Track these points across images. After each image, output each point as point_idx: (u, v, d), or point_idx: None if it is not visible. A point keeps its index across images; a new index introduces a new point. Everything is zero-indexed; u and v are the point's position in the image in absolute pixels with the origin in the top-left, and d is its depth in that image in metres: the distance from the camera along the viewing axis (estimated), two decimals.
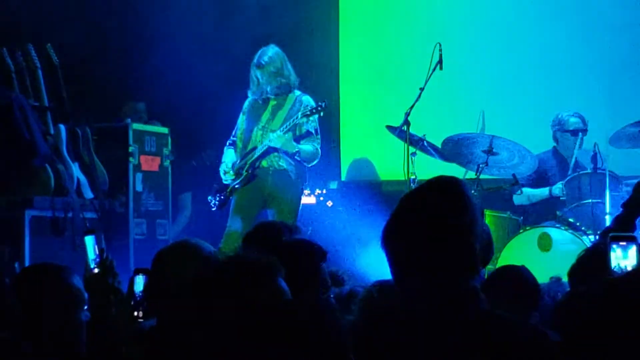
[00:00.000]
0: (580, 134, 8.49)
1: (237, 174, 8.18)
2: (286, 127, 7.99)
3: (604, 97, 9.11)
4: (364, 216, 9.03)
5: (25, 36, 8.35)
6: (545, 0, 9.53)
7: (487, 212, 8.17)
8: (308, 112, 8.00)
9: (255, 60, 8.17)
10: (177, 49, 9.68)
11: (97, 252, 4.03)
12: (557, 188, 8.27)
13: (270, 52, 8.17)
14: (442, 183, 2.77)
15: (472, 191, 5.73)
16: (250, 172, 8.12)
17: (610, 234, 3.84)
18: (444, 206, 2.70)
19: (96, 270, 3.93)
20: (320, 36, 9.95)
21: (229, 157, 8.32)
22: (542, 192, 8.38)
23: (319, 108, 8.01)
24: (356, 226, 8.86)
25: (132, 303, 3.71)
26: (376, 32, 10.12)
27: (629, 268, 3.62)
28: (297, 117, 8.00)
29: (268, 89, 8.14)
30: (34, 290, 3.78)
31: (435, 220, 2.68)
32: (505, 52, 9.59)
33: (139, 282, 3.76)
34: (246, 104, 8.37)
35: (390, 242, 2.73)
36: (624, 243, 3.69)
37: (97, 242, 4.08)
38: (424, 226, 2.68)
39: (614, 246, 3.69)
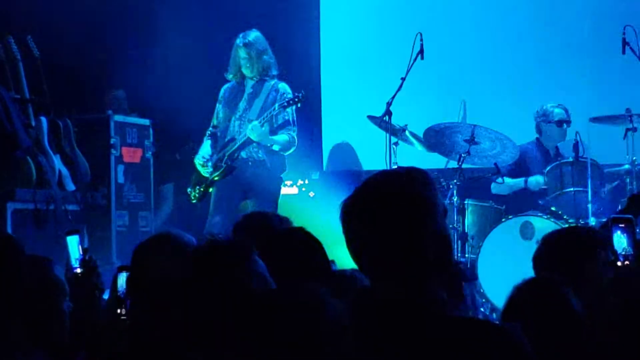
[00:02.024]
0: (564, 124, 8.53)
1: (216, 165, 8.16)
2: (263, 118, 7.97)
3: (584, 85, 9.12)
4: None
5: (5, 28, 8.31)
6: None
7: (469, 202, 8.19)
8: (285, 103, 7.99)
9: (239, 40, 8.14)
10: (160, 40, 9.66)
11: (81, 252, 4.02)
12: (534, 182, 8.29)
13: (255, 33, 8.19)
14: (402, 170, 2.71)
15: (438, 185, 5.65)
16: (229, 163, 8.10)
17: (612, 216, 3.83)
18: (399, 190, 2.63)
19: (79, 270, 3.93)
20: (301, 25, 9.94)
21: (205, 149, 8.30)
22: (518, 182, 8.39)
23: (297, 99, 8.00)
24: (337, 217, 8.85)
25: (115, 300, 3.71)
26: (357, 21, 10.11)
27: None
28: (274, 109, 7.98)
29: (250, 70, 8.11)
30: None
31: (382, 220, 2.60)
32: (486, 41, 9.59)
33: (122, 279, 3.75)
34: (222, 92, 8.34)
35: (347, 224, 2.67)
36: (623, 225, 3.71)
37: (81, 241, 4.08)
38: (376, 207, 2.62)
39: (617, 231, 3.70)
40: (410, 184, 2.63)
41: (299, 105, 8.05)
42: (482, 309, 7.47)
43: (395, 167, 7.44)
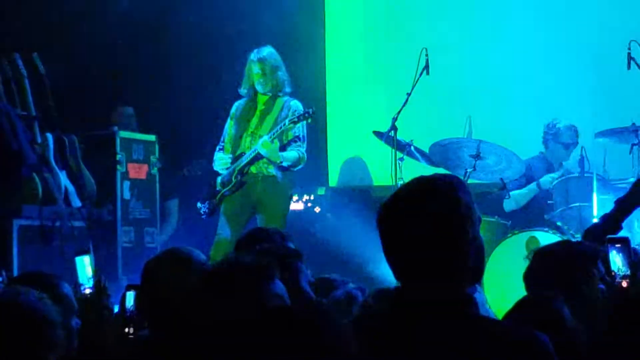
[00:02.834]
0: (571, 147, 8.55)
1: (226, 180, 8.15)
2: (274, 133, 7.96)
3: (590, 100, 9.12)
4: (352, 222, 9.03)
5: (11, 45, 8.33)
6: (530, 6, 9.54)
7: None
8: (295, 119, 7.97)
9: (253, 56, 8.11)
10: (166, 56, 9.68)
11: (91, 273, 4.02)
12: (548, 179, 8.29)
13: (268, 49, 8.17)
14: (441, 175, 2.74)
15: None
16: (239, 178, 8.09)
17: (608, 237, 3.82)
18: (440, 194, 2.65)
19: (88, 291, 3.93)
20: (307, 41, 9.94)
21: (218, 164, 8.27)
22: (530, 188, 8.38)
23: (307, 114, 7.99)
24: (344, 232, 8.86)
25: (123, 319, 3.70)
26: (363, 37, 10.13)
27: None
28: (284, 124, 7.97)
29: (263, 86, 8.10)
30: None
31: (425, 225, 2.63)
32: (491, 57, 9.60)
33: (130, 298, 3.74)
34: (234, 108, 8.33)
35: (384, 226, 2.70)
36: (619, 245, 3.69)
37: (92, 262, 4.08)
38: (416, 211, 2.64)
39: (613, 250, 3.68)
40: (454, 190, 2.66)
41: (309, 121, 8.04)
42: None
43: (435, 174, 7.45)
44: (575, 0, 9.40)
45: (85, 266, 4.08)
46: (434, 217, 2.62)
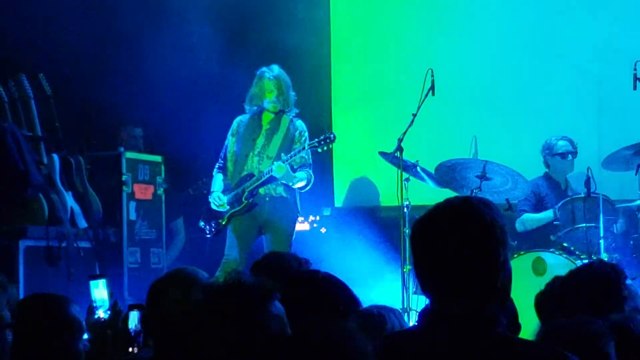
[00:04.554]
0: (569, 156, 8.54)
1: (234, 201, 8.12)
2: (290, 157, 7.92)
3: (595, 121, 9.13)
4: (358, 242, 9.03)
5: (17, 66, 8.35)
6: (535, 27, 9.55)
7: None
8: (316, 144, 7.94)
9: (267, 74, 8.08)
10: (172, 77, 9.69)
11: (107, 297, 4.04)
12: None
13: (278, 68, 8.17)
14: (476, 198, 2.76)
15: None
16: (249, 200, 8.05)
17: None
18: (474, 229, 2.67)
19: (102, 314, 3.93)
20: (312, 61, 9.95)
21: (219, 184, 8.26)
22: (546, 215, 8.35)
23: (328, 140, 7.92)
24: (350, 252, 8.85)
25: (127, 339, 3.70)
26: (368, 58, 10.14)
27: None
28: (303, 148, 7.92)
29: (275, 105, 8.08)
30: (36, 320, 3.78)
31: (461, 244, 2.66)
32: (497, 77, 9.60)
33: (133, 318, 3.74)
34: (235, 125, 8.29)
35: (419, 243, 2.73)
36: None
37: (107, 286, 4.09)
38: (448, 248, 2.66)
39: None
40: (490, 211, 2.69)
41: (331, 146, 8.00)
42: None
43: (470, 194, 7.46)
44: (581, 22, 9.39)
45: (100, 290, 4.09)
46: (470, 237, 2.66)
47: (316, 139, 7.94)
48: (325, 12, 10.27)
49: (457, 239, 2.65)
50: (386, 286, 8.20)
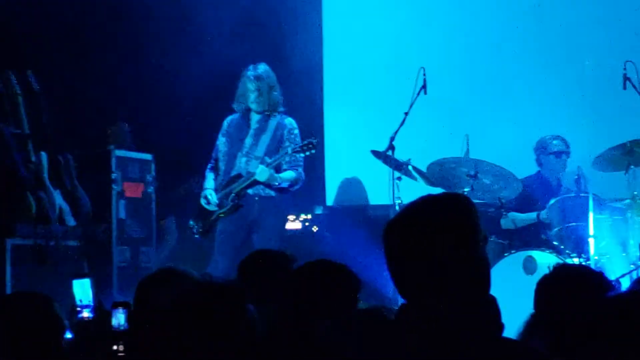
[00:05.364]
0: (563, 155, 8.53)
1: (222, 202, 8.09)
2: (274, 160, 7.91)
3: (587, 120, 9.12)
4: (350, 241, 9.00)
5: (5, 63, 8.30)
6: (528, 25, 9.55)
7: None
8: (299, 149, 7.92)
9: (250, 73, 8.07)
10: (162, 73, 9.66)
11: (92, 297, 4.00)
12: (545, 213, 8.28)
13: (264, 67, 8.12)
14: (452, 196, 2.77)
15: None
16: (236, 201, 8.02)
17: None
18: (451, 216, 2.67)
19: (86, 314, 3.90)
20: (304, 59, 9.92)
21: (210, 183, 8.23)
22: (530, 216, 8.36)
23: (310, 145, 7.91)
24: (342, 251, 8.82)
25: (111, 337, 3.67)
26: (361, 56, 10.11)
27: None
28: (285, 153, 7.92)
29: (258, 105, 8.05)
30: (19, 318, 3.74)
31: (435, 241, 2.65)
32: (489, 76, 9.60)
33: (118, 316, 3.71)
34: (225, 124, 8.26)
35: (390, 247, 2.71)
36: None
37: (91, 286, 4.06)
38: (425, 233, 2.66)
39: None
40: (455, 211, 2.68)
41: (313, 152, 7.98)
42: None
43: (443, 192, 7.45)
44: (572, 22, 9.39)
45: (83, 289, 4.05)
46: (440, 236, 2.64)
47: (299, 145, 7.92)
48: (317, 10, 10.24)
49: (426, 239, 2.64)
50: (378, 285, 8.18)
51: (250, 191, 8.03)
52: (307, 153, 7.97)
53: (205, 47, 9.68)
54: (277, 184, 7.93)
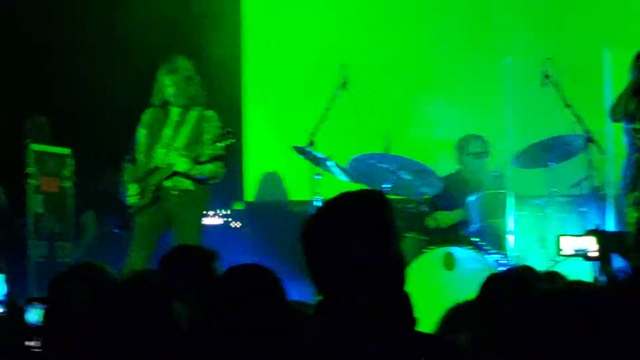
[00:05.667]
0: (482, 156, 8.61)
1: (140, 195, 8.01)
2: (193, 151, 7.86)
3: (507, 117, 9.19)
4: (270, 236, 8.98)
5: None
6: (448, 22, 9.61)
7: None
8: (217, 139, 7.87)
9: (166, 67, 8.01)
10: (80, 66, 9.54)
11: (4, 293, 3.95)
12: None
13: (181, 60, 8.04)
14: (365, 193, 2.79)
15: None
16: (154, 194, 7.95)
17: None
18: (364, 214, 2.70)
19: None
20: (223, 54, 9.87)
21: (129, 176, 8.13)
22: (457, 214, 8.40)
23: (229, 135, 7.86)
24: (261, 246, 8.81)
25: (26, 333, 3.62)
26: (281, 51, 10.10)
27: None
28: (204, 143, 7.86)
29: (176, 99, 7.98)
30: None
31: (353, 227, 2.69)
32: (410, 73, 9.65)
33: (33, 312, 3.66)
34: (145, 117, 8.17)
35: (308, 245, 2.74)
36: None
37: (3, 281, 4.00)
38: (341, 231, 2.69)
39: None
40: (370, 207, 2.71)
41: (233, 141, 7.93)
42: None
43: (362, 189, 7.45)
44: (493, 19, 9.48)
45: None
46: (355, 233, 2.68)
47: (217, 136, 7.88)
48: (236, 4, 10.20)
49: (342, 237, 2.67)
50: (299, 281, 8.17)
51: (168, 184, 7.95)
52: (226, 143, 7.92)
53: (125, 39, 9.58)
54: (195, 175, 7.87)
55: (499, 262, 7.69)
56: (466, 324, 3.77)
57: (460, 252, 7.77)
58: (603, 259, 4.03)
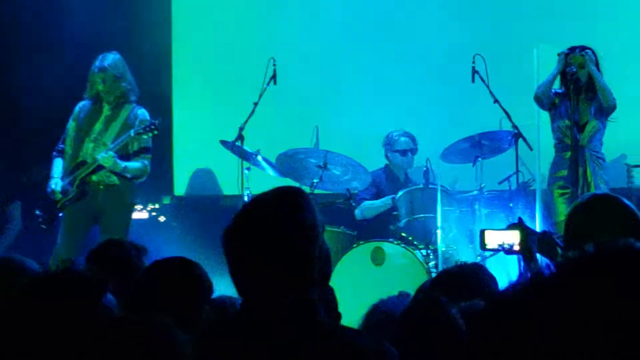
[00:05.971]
0: (409, 153, 8.64)
1: (66, 189, 7.91)
2: (116, 146, 7.78)
3: (436, 112, 9.25)
4: (198, 231, 8.93)
5: None
6: (380, 18, 9.63)
7: None
8: (141, 130, 7.81)
9: (96, 64, 7.93)
10: (10, 54, 9.41)
11: None
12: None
13: (112, 56, 7.98)
14: (283, 194, 2.77)
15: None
16: (80, 188, 7.87)
17: None
18: (283, 217, 2.69)
19: None
20: (153, 48, 9.79)
21: (57, 170, 8.02)
22: (384, 201, 8.39)
23: (153, 126, 7.82)
24: (189, 241, 8.75)
25: None
26: (210, 44, 10.04)
27: None
28: (129, 135, 7.80)
29: (107, 96, 7.91)
30: None
31: (273, 230, 2.68)
32: (339, 67, 9.65)
33: None
34: (77, 108, 8.08)
35: (230, 249, 2.72)
36: None
37: None
38: (261, 235, 2.68)
39: None
40: (296, 208, 2.71)
41: (155, 133, 7.88)
42: None
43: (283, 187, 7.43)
44: (423, 14, 9.51)
45: None
46: (277, 238, 2.68)
47: (141, 126, 7.81)
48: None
49: (264, 241, 2.67)
50: (228, 275, 8.13)
51: (95, 178, 7.87)
52: (150, 135, 7.87)
53: (56, 31, 9.47)
54: (120, 170, 7.80)
55: (428, 257, 7.73)
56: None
57: (390, 247, 7.79)
58: (525, 254, 4.02)
